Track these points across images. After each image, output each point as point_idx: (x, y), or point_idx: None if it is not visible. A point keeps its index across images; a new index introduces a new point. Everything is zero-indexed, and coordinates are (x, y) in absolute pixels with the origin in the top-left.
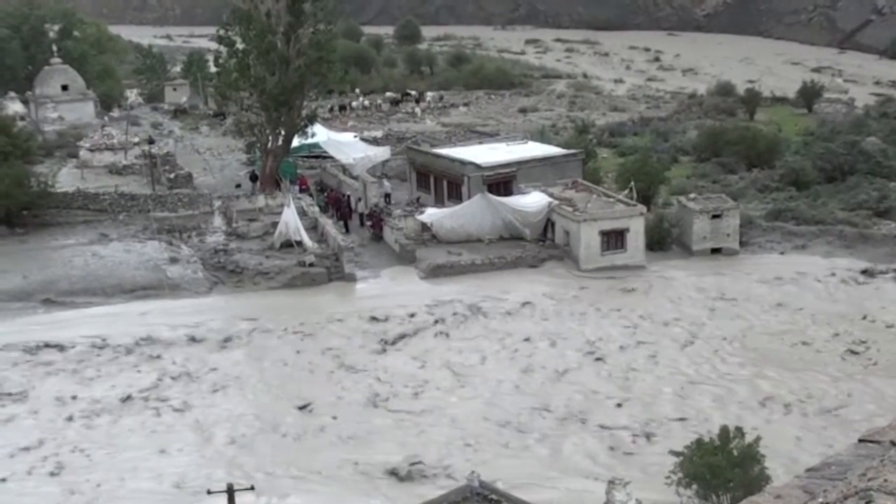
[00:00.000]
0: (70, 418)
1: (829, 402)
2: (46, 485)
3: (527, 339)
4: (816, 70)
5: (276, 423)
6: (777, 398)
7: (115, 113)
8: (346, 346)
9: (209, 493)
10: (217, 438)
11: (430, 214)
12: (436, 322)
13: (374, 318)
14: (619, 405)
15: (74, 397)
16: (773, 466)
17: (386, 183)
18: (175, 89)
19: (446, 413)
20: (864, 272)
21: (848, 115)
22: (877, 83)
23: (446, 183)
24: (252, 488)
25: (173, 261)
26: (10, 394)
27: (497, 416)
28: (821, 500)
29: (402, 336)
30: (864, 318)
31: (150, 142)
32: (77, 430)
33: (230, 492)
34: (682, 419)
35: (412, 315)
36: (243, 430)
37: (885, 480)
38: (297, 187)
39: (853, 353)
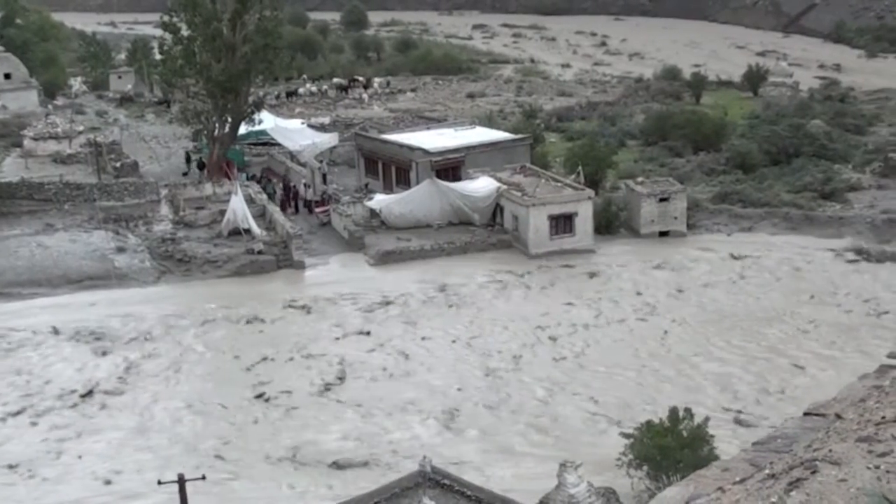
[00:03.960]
0: (20, 412)
1: (779, 380)
2: None
3: (478, 324)
4: (761, 54)
5: (230, 411)
6: (727, 377)
7: (60, 101)
8: (300, 333)
9: (160, 483)
10: (168, 428)
11: (379, 200)
12: (387, 308)
13: (327, 305)
14: (568, 388)
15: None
16: (722, 446)
17: (315, 163)
18: (120, 77)
19: (400, 399)
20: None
21: (793, 99)
22: (821, 67)
23: (394, 169)
24: (203, 478)
25: (120, 250)
26: None
27: (450, 400)
28: (767, 471)
29: (354, 322)
30: (812, 297)
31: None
32: (24, 425)
33: (181, 482)
34: (633, 401)
35: (363, 301)
36: (196, 420)
37: (830, 451)
38: (244, 175)
39: (803, 331)
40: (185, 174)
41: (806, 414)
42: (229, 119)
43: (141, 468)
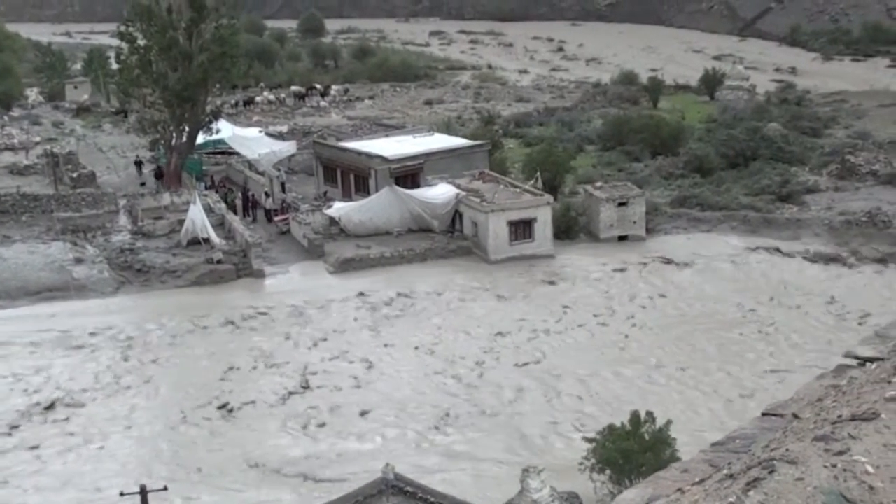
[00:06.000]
0: None
1: (740, 382)
2: None
3: (440, 331)
4: (718, 58)
5: (192, 422)
6: (688, 380)
7: (16, 112)
8: (262, 341)
9: (122, 494)
10: (131, 439)
11: (338, 208)
12: (348, 316)
13: (288, 314)
14: (530, 394)
15: None
16: (684, 449)
17: (274, 172)
18: (76, 87)
19: (363, 406)
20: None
21: (749, 102)
22: (777, 70)
23: (353, 176)
24: (165, 489)
25: (79, 261)
26: None
27: (414, 407)
28: (726, 471)
29: (316, 330)
30: (772, 299)
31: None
32: None
33: (143, 493)
34: (594, 404)
35: (324, 309)
36: (158, 431)
37: (787, 450)
38: (203, 184)
39: (764, 333)
40: (142, 184)
41: (764, 414)
42: (187, 128)
43: (103, 479)
